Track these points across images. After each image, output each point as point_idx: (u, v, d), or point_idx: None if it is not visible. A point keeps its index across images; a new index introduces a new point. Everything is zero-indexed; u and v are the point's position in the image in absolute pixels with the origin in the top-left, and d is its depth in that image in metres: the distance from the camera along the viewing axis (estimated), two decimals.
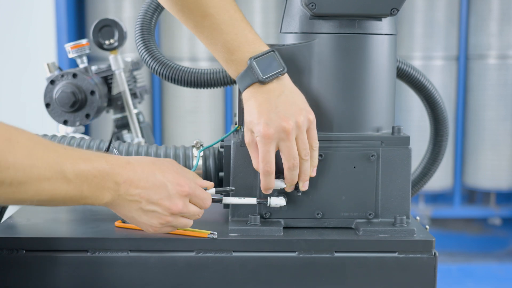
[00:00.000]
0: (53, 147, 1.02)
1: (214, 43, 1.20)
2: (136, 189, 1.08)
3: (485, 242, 4.16)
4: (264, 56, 1.19)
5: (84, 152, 1.06)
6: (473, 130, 3.97)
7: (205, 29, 1.20)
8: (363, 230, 1.23)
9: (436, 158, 1.61)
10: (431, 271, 1.20)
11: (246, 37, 1.19)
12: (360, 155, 1.25)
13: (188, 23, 1.22)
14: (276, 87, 1.18)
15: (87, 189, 1.04)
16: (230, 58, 1.20)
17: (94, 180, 1.04)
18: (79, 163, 1.03)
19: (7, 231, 1.24)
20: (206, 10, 1.19)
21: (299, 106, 1.18)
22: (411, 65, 1.51)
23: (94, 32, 1.76)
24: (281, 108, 1.17)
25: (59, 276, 1.18)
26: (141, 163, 1.10)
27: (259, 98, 1.18)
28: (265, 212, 1.25)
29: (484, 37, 3.89)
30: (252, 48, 1.19)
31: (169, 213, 1.11)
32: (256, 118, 1.17)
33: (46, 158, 1.00)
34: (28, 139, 0.99)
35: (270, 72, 1.18)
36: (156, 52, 1.42)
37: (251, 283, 1.19)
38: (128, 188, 1.07)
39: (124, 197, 1.08)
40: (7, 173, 0.96)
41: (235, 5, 1.21)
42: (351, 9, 1.22)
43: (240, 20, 1.20)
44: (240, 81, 1.20)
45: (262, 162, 1.18)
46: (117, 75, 1.76)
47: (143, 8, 1.44)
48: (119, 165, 1.07)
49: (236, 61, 1.19)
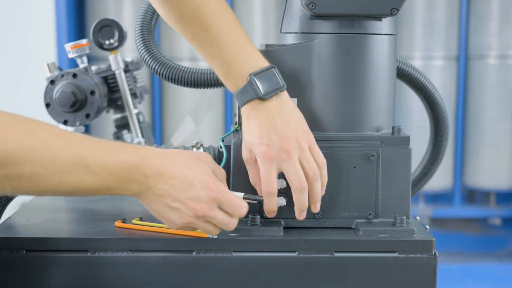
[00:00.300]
0: (76, 139, 1.01)
1: (213, 56, 1.18)
2: (164, 184, 1.07)
3: (485, 242, 4.16)
4: (264, 72, 1.17)
5: (108, 143, 1.05)
6: (473, 130, 3.97)
7: (204, 42, 1.18)
8: (363, 230, 1.23)
9: (436, 158, 1.61)
10: (431, 271, 1.20)
11: (244, 51, 1.17)
12: (360, 155, 1.25)
13: (186, 35, 1.20)
14: (276, 104, 1.17)
15: (113, 181, 1.03)
16: (228, 72, 1.18)
17: (120, 173, 1.03)
18: (103, 155, 1.02)
19: (7, 231, 1.24)
20: (205, 21, 1.17)
21: (297, 126, 1.17)
22: (411, 65, 1.51)
23: (94, 32, 1.76)
24: (281, 128, 1.15)
25: (59, 276, 1.18)
26: (175, 158, 1.09)
27: (259, 117, 1.16)
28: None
29: (484, 37, 3.89)
30: (251, 62, 1.17)
31: (193, 214, 1.09)
32: (257, 139, 1.16)
33: (67, 151, 0.99)
34: (47, 132, 0.99)
35: (270, 89, 1.16)
36: (156, 52, 1.42)
37: (251, 283, 1.19)
38: (157, 182, 1.06)
39: (152, 190, 1.07)
40: (25, 167, 0.95)
41: (234, 18, 1.20)
42: (351, 9, 1.22)
43: (239, 34, 1.18)
44: (239, 96, 1.18)
45: (264, 183, 1.16)
46: (117, 75, 1.76)
47: (143, 8, 1.44)
48: (150, 158, 1.06)
49: (235, 76, 1.17)
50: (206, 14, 1.17)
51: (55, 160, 0.98)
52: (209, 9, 1.17)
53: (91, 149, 1.02)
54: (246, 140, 1.18)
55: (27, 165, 0.96)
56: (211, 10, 1.17)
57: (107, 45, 1.76)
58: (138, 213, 1.35)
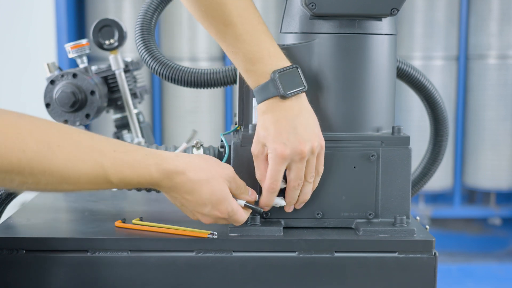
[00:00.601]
0: (99, 148, 1.03)
1: (235, 52, 1.19)
2: (178, 195, 1.13)
3: (485, 242, 4.16)
4: (288, 71, 1.18)
5: (132, 155, 1.07)
6: (473, 130, 3.97)
7: (227, 37, 1.19)
8: (363, 230, 1.23)
9: (436, 158, 1.61)
10: (431, 271, 1.20)
11: (268, 50, 1.18)
12: (360, 155, 1.25)
13: (210, 30, 1.21)
14: (295, 104, 1.18)
15: (130, 187, 1.10)
16: (250, 68, 1.18)
17: (139, 185, 1.08)
18: (124, 170, 1.05)
19: (7, 231, 1.24)
20: (230, 19, 1.17)
21: (314, 130, 1.18)
22: (411, 65, 1.51)
23: (94, 32, 1.76)
24: (299, 130, 1.16)
25: (59, 276, 1.18)
26: (196, 172, 1.12)
27: (277, 114, 1.17)
28: (265, 212, 1.25)
29: (484, 37, 3.88)
30: (274, 61, 1.18)
31: (197, 219, 1.18)
32: (273, 135, 1.17)
33: (89, 162, 1.01)
34: (71, 142, 1.00)
35: (292, 88, 1.17)
36: (156, 52, 1.42)
37: (251, 283, 1.19)
38: (172, 192, 1.13)
39: (167, 193, 1.14)
40: (43, 176, 0.97)
41: (259, 16, 1.20)
42: (351, 9, 1.22)
43: (263, 32, 1.18)
44: (258, 92, 1.18)
45: (270, 179, 1.18)
46: (117, 75, 1.76)
47: (143, 8, 1.44)
48: (172, 175, 1.10)
49: (257, 72, 1.18)
50: (231, 11, 1.17)
51: (76, 171, 1.00)
52: (234, 6, 1.17)
53: (113, 162, 1.04)
54: (260, 134, 1.19)
55: (46, 174, 0.97)
56: (236, 7, 1.17)
57: (107, 45, 1.76)
58: (138, 213, 1.36)
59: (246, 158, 1.24)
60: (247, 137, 1.24)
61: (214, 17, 1.19)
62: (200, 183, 1.12)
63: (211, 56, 3.83)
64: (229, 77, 1.44)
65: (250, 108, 1.27)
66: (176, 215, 1.36)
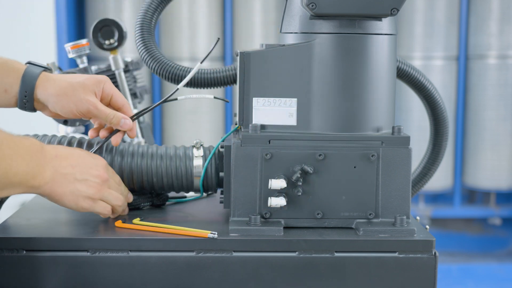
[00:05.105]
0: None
1: None
2: (66, 162, 1.20)
3: (485, 242, 4.16)
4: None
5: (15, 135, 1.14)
6: (473, 130, 3.97)
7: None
8: (363, 230, 1.23)
9: (436, 158, 1.61)
10: (431, 271, 1.20)
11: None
12: (360, 155, 1.25)
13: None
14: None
15: (35, 165, 1.15)
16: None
17: (35, 155, 1.15)
18: (20, 139, 1.14)
19: (7, 231, 1.24)
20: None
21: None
22: (411, 65, 1.51)
23: (94, 32, 1.76)
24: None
25: (59, 276, 1.18)
26: (70, 148, 1.25)
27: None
28: (265, 212, 1.25)
29: (484, 37, 3.88)
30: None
31: (100, 180, 1.23)
32: None
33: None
34: None
35: None
36: (156, 52, 1.42)
37: (251, 283, 1.19)
38: (60, 162, 1.19)
39: (59, 171, 1.19)
40: None
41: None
42: (351, 9, 1.22)
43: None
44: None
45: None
46: (117, 75, 1.76)
47: (143, 8, 1.44)
48: (47, 146, 1.19)
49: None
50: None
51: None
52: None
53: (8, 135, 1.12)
54: None
55: None
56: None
57: (107, 45, 1.76)
58: (138, 213, 1.36)
59: (246, 158, 1.24)
60: (247, 137, 1.24)
61: None
62: (77, 152, 1.23)
63: (211, 56, 3.81)
64: (229, 77, 1.44)
65: (250, 108, 1.27)
66: (176, 215, 1.36)
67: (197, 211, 1.40)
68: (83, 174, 1.22)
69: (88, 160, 1.24)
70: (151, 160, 1.34)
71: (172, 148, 1.37)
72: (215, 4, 3.83)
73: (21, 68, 1.30)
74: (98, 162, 1.25)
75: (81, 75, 1.32)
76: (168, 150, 1.36)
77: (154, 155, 1.35)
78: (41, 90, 1.29)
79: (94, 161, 1.25)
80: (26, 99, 1.29)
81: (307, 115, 1.25)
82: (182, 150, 1.37)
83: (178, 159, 1.35)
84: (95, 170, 1.23)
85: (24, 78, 1.28)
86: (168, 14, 3.77)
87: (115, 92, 1.33)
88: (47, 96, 1.29)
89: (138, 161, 1.33)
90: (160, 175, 1.34)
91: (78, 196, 1.22)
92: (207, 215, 1.38)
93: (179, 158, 1.35)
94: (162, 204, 1.42)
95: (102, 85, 1.32)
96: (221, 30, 3.87)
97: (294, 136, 1.25)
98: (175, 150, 1.36)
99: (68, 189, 1.20)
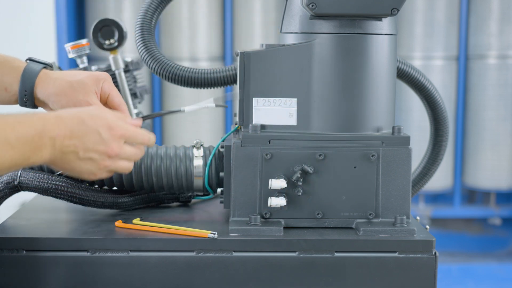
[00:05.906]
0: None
1: None
2: (70, 140, 1.10)
3: (485, 242, 4.15)
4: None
5: (19, 115, 1.08)
6: (473, 130, 3.97)
7: None
8: (363, 230, 1.23)
9: (436, 158, 1.61)
10: (431, 271, 1.20)
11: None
12: (360, 155, 1.25)
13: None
14: None
15: (28, 150, 1.06)
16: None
17: (33, 140, 1.06)
18: (18, 127, 1.05)
19: (7, 231, 1.24)
20: None
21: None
22: (411, 65, 1.51)
23: (94, 32, 1.76)
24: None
25: (59, 276, 1.18)
26: (70, 114, 1.12)
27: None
28: (266, 212, 1.25)
29: (484, 37, 3.88)
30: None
31: (107, 156, 1.13)
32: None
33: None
34: None
35: None
36: (156, 52, 1.42)
37: (251, 283, 1.19)
38: (63, 140, 1.09)
39: (62, 150, 1.10)
40: None
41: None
42: (351, 9, 1.22)
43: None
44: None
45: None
46: (117, 75, 1.76)
47: (143, 8, 1.44)
48: (50, 121, 1.09)
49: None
50: None
51: None
52: None
53: (7, 123, 1.05)
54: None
55: None
56: None
57: (107, 45, 1.76)
58: (138, 213, 1.36)
59: (246, 158, 1.24)
60: (247, 137, 1.24)
61: None
62: (78, 116, 1.12)
63: (211, 56, 3.83)
64: (229, 77, 1.44)
65: (250, 108, 1.27)
66: (176, 215, 1.36)
67: (197, 211, 1.40)
68: (87, 152, 1.12)
69: (96, 136, 1.12)
70: (151, 160, 1.34)
71: (172, 148, 1.37)
72: (215, 4, 3.83)
73: (21, 66, 1.29)
74: (102, 130, 1.13)
75: (82, 72, 1.29)
76: (168, 150, 1.36)
77: (154, 155, 1.35)
78: (41, 89, 1.28)
79: (103, 136, 1.13)
80: (26, 97, 1.28)
81: (307, 115, 1.25)
82: (182, 150, 1.37)
83: (178, 159, 1.35)
84: (102, 145, 1.12)
85: (24, 77, 1.28)
86: (168, 14, 3.77)
87: (112, 92, 1.32)
88: (47, 95, 1.29)
89: (138, 161, 1.33)
90: (160, 175, 1.34)
91: (89, 173, 1.15)
92: (207, 215, 1.38)
93: (179, 159, 1.35)
94: (188, 201, 1.44)
95: (102, 83, 1.31)
96: (221, 30, 3.87)
97: (294, 136, 1.25)
98: (175, 150, 1.36)
99: (73, 166, 1.13)
